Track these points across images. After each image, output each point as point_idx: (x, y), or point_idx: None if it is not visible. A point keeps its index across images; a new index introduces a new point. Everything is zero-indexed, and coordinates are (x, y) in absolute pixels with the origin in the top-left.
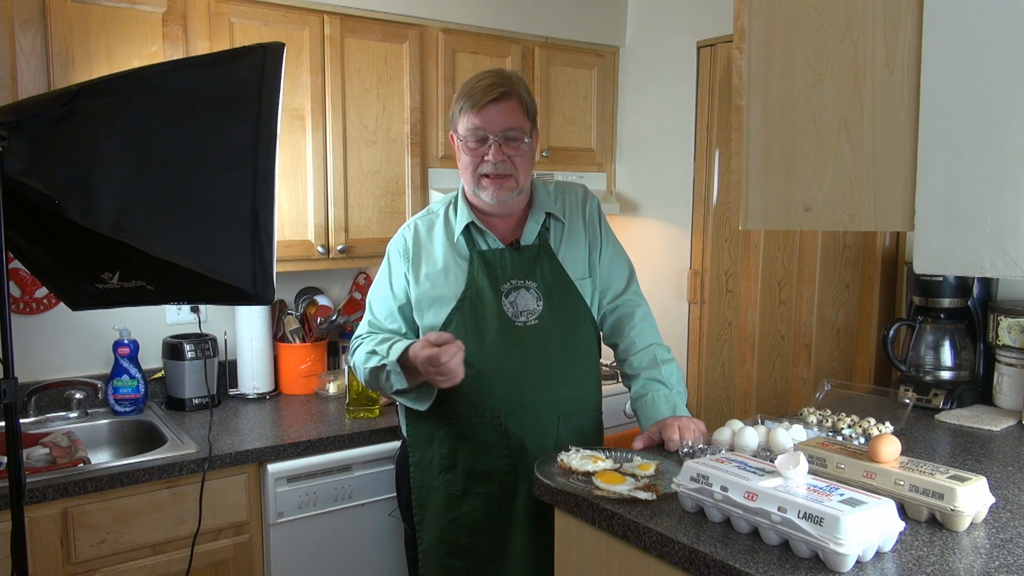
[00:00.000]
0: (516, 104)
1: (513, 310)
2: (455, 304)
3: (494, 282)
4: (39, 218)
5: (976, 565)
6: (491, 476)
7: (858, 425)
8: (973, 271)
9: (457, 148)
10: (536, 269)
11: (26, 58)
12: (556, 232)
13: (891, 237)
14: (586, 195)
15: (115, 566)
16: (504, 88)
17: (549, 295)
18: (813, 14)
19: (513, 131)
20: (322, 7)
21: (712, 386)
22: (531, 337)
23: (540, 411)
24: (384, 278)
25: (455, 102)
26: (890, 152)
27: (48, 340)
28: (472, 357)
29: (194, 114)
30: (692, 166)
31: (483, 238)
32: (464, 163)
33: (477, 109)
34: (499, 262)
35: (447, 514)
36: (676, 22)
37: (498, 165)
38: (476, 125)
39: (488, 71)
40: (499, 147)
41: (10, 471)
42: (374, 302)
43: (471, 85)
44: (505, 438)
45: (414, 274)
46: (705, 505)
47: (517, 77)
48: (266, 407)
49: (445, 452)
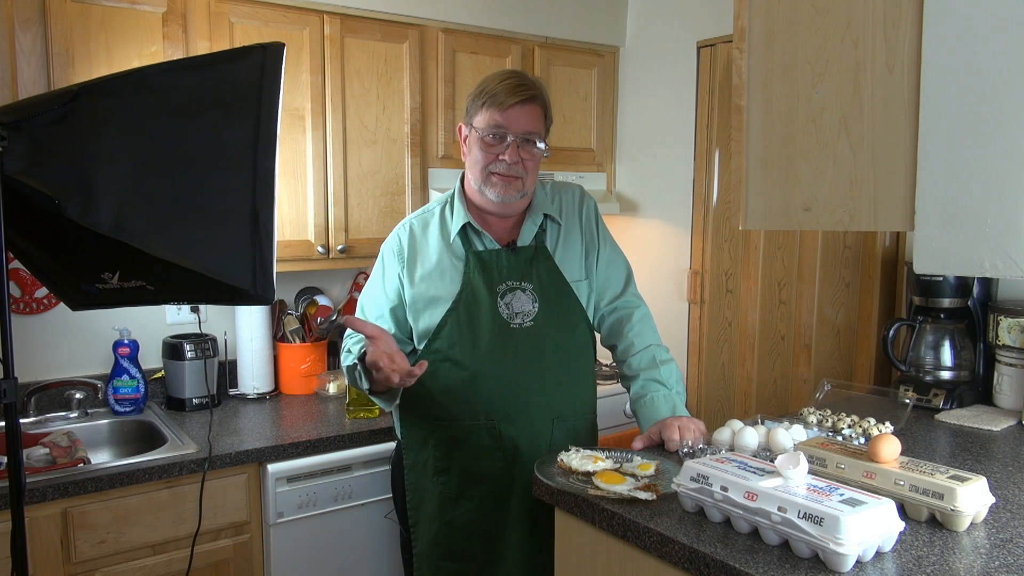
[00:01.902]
0: (539, 109)
1: (508, 312)
2: (450, 305)
3: (490, 283)
4: (39, 218)
5: (976, 565)
6: (485, 479)
7: (858, 425)
8: (973, 271)
9: (466, 141)
10: (532, 271)
11: (26, 58)
12: (552, 233)
13: (891, 237)
14: (583, 196)
15: (115, 566)
16: (532, 92)
17: (545, 297)
18: (813, 14)
19: (532, 135)
20: (322, 7)
21: (712, 386)
22: (526, 339)
23: (534, 414)
24: (377, 279)
25: (476, 96)
26: (890, 152)
27: (48, 340)
28: (467, 359)
29: (194, 114)
30: (692, 166)
31: (479, 239)
32: (475, 158)
33: (502, 109)
34: (495, 263)
35: (441, 516)
36: (676, 22)
37: (512, 167)
38: (498, 123)
39: (512, 71)
40: (516, 148)
41: (10, 471)
42: (366, 303)
43: (496, 83)
44: (499, 441)
45: (409, 275)
46: (705, 505)
47: (541, 83)
48: (266, 407)
49: (439, 455)
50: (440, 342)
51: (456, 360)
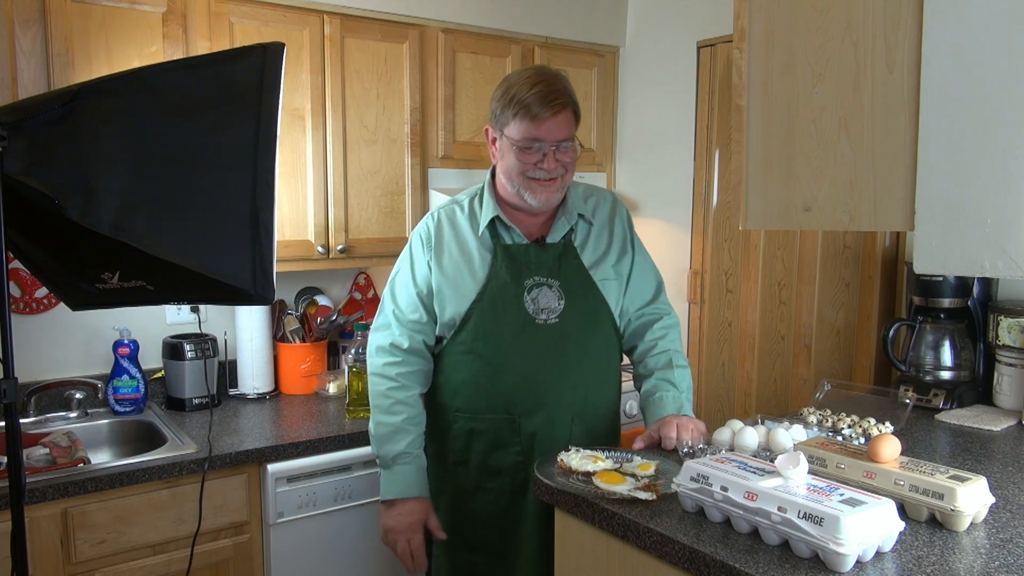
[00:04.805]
0: (570, 113)
1: (534, 307)
2: (475, 298)
3: (517, 277)
4: (39, 218)
5: (976, 565)
6: (503, 472)
7: (858, 425)
8: (973, 271)
9: (496, 144)
10: (560, 267)
11: (26, 58)
12: (582, 233)
13: (891, 237)
14: (615, 203)
15: (115, 566)
16: (563, 100)
17: (572, 294)
18: (813, 14)
19: (567, 141)
20: (322, 7)
21: (712, 386)
22: (550, 335)
23: (554, 410)
24: (406, 266)
25: (507, 103)
26: (890, 152)
27: (48, 340)
28: (490, 352)
29: (194, 114)
30: (692, 166)
31: (508, 233)
32: (510, 164)
33: (537, 121)
34: (523, 258)
35: (457, 508)
36: (676, 22)
37: (551, 172)
38: (534, 136)
39: (540, 73)
40: (553, 155)
41: (10, 471)
42: (398, 292)
43: (527, 90)
44: (518, 435)
45: (437, 263)
46: (705, 505)
47: (567, 81)
48: (266, 407)
49: (459, 446)
50: (465, 334)
51: (479, 352)
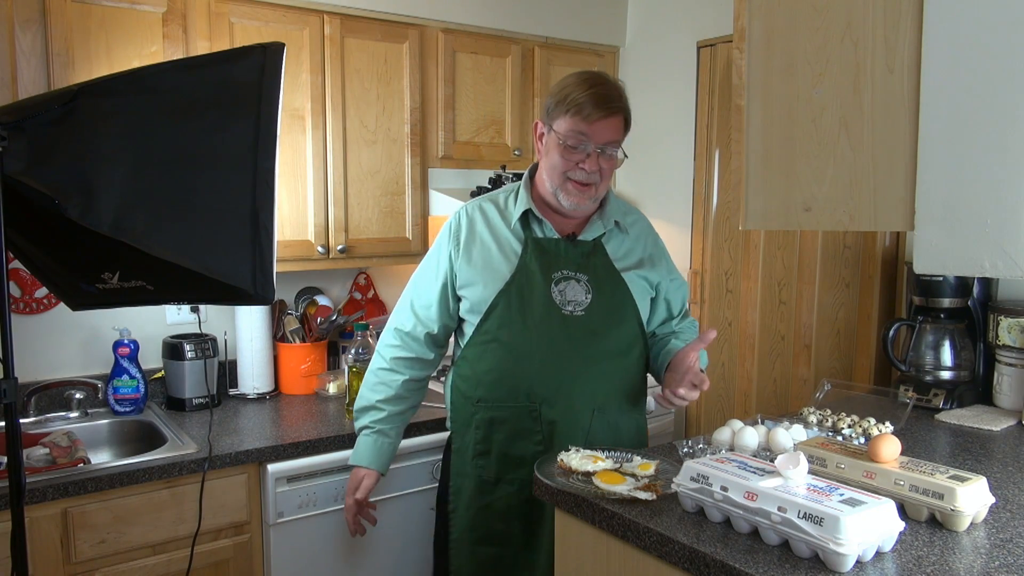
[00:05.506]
0: (622, 119)
1: (561, 298)
2: (502, 287)
3: (545, 269)
4: (39, 218)
5: (976, 565)
6: (525, 462)
7: (858, 425)
8: (973, 271)
9: (543, 140)
10: (589, 263)
11: (26, 58)
12: (615, 239)
13: (891, 237)
14: (651, 226)
15: (115, 566)
16: (616, 106)
17: (599, 289)
18: (813, 14)
19: (613, 146)
20: (322, 7)
21: (712, 386)
22: (575, 327)
23: (575, 401)
24: (432, 253)
25: (559, 101)
26: (890, 152)
27: (48, 340)
28: (515, 340)
29: (194, 114)
30: (692, 166)
31: (540, 227)
32: (553, 162)
33: (588, 121)
34: (553, 251)
35: (480, 500)
36: (676, 22)
37: (590, 175)
38: (582, 132)
39: (598, 78)
40: (596, 158)
41: (10, 471)
42: (417, 278)
43: (583, 91)
44: (539, 424)
45: (464, 253)
46: (705, 505)
47: (623, 89)
48: (266, 407)
49: (479, 437)
50: (490, 323)
51: (504, 341)
